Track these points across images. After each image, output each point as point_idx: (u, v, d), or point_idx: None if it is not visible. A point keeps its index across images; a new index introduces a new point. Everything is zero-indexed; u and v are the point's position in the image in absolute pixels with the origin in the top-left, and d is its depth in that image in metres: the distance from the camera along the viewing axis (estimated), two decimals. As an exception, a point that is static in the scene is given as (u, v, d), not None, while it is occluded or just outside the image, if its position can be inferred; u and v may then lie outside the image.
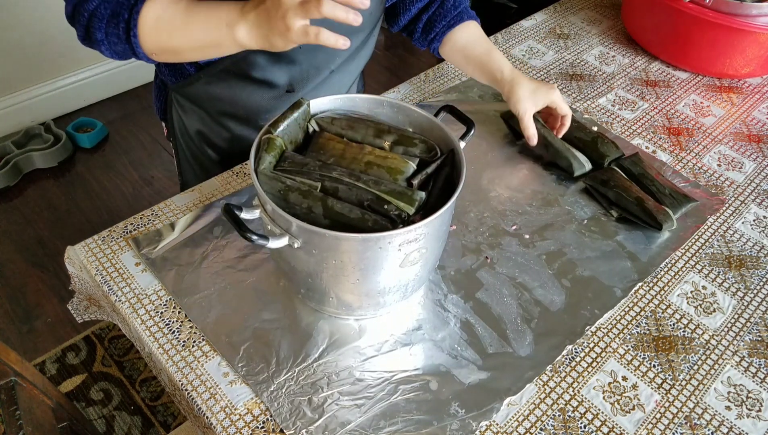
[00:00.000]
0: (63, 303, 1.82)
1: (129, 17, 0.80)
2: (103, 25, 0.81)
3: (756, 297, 0.91)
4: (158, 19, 0.80)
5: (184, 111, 1.10)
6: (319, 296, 0.79)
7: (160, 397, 1.62)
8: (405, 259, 0.72)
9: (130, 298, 0.85)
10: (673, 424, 0.76)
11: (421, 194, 0.72)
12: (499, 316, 0.85)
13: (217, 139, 1.12)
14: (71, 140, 2.31)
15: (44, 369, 1.67)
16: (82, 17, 0.82)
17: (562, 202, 1.01)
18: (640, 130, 1.17)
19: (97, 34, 0.82)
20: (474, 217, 0.98)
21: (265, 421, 0.74)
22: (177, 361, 0.79)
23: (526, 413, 0.76)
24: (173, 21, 0.80)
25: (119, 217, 2.06)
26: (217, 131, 1.10)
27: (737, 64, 1.26)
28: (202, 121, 1.10)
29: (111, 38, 0.82)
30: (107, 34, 0.82)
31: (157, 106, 1.17)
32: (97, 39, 0.82)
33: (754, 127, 1.20)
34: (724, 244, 0.98)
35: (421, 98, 1.20)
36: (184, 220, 0.94)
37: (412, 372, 0.79)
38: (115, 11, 0.80)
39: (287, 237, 0.70)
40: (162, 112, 1.17)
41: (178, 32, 0.81)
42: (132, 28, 0.80)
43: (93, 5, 0.81)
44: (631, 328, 0.86)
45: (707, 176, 1.09)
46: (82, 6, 0.81)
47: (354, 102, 0.84)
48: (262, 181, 0.73)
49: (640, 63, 1.34)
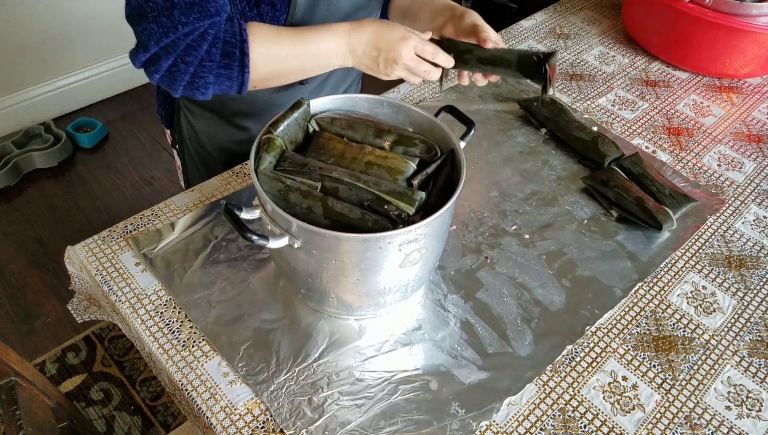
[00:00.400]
0: (63, 303, 1.82)
1: (242, 55, 0.80)
2: (214, 67, 0.79)
3: (756, 297, 0.91)
4: (270, 55, 0.83)
5: (195, 117, 1.10)
6: (319, 296, 0.79)
7: (160, 397, 1.62)
8: (405, 259, 0.72)
9: (130, 298, 0.85)
10: (673, 424, 0.76)
11: (421, 194, 0.72)
12: (499, 316, 0.85)
13: (230, 144, 1.11)
14: (71, 140, 2.31)
15: (44, 369, 1.67)
16: (189, 66, 0.79)
17: (562, 202, 1.01)
18: (640, 130, 1.17)
19: (208, 78, 0.80)
20: (474, 217, 0.98)
21: (265, 421, 0.74)
22: (177, 361, 0.79)
23: (526, 413, 0.76)
24: (285, 55, 0.84)
25: (119, 217, 2.06)
26: (231, 133, 1.10)
27: (737, 64, 1.26)
28: (214, 124, 1.09)
29: (221, 78, 0.81)
30: (218, 75, 0.80)
31: (162, 114, 1.16)
32: (207, 82, 0.80)
33: (754, 127, 1.20)
34: (724, 244, 0.98)
35: (421, 98, 1.20)
36: (184, 220, 0.94)
37: (412, 372, 0.79)
38: (226, 51, 0.79)
39: (287, 237, 0.70)
40: (167, 121, 1.16)
41: (290, 63, 0.85)
42: (246, 65, 0.81)
43: (203, 49, 0.78)
44: (631, 328, 0.86)
45: (707, 176, 1.09)
46: (190, 55, 0.78)
47: (354, 102, 0.84)
48: (262, 181, 0.73)
49: (640, 63, 1.34)
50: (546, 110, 1.13)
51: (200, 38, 0.78)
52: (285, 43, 0.84)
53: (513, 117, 1.17)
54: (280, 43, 0.83)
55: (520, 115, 1.17)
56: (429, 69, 0.86)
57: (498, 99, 1.20)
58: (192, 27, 0.77)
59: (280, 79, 0.88)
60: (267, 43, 0.82)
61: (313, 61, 0.86)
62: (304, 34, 0.85)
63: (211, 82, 0.81)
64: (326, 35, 0.85)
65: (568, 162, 1.09)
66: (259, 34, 0.82)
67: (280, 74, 0.87)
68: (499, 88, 1.23)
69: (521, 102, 1.17)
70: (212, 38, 0.79)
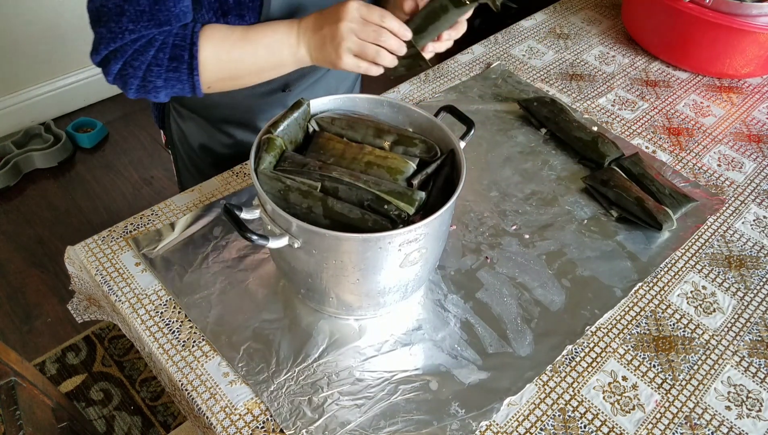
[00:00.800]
0: (63, 303, 1.82)
1: (190, 58, 0.81)
2: (162, 71, 0.81)
3: (756, 297, 0.91)
4: (218, 53, 0.82)
5: (183, 120, 1.10)
6: (319, 296, 0.79)
7: (160, 397, 1.62)
8: (405, 259, 0.72)
9: (130, 298, 0.85)
10: (673, 424, 0.76)
11: (421, 194, 0.72)
12: (499, 316, 0.85)
13: (217, 147, 1.12)
14: (71, 140, 2.31)
15: (44, 369, 1.67)
16: (137, 70, 0.81)
17: (562, 202, 1.01)
18: (640, 130, 1.17)
19: (157, 82, 0.82)
20: (474, 217, 0.98)
21: (265, 421, 0.74)
22: (177, 361, 0.79)
23: (526, 413, 0.76)
24: (234, 51, 0.82)
25: (119, 217, 2.06)
26: (218, 138, 1.10)
27: (737, 64, 1.26)
28: (202, 129, 1.10)
29: (170, 82, 0.82)
30: (167, 79, 0.82)
31: (155, 114, 1.17)
32: (156, 86, 0.82)
33: (754, 127, 1.20)
34: (724, 244, 0.98)
35: (421, 98, 1.20)
36: (184, 220, 0.94)
37: (412, 372, 0.79)
38: (174, 55, 0.81)
39: (287, 237, 0.70)
40: (160, 121, 1.17)
41: (241, 61, 0.83)
42: (195, 68, 0.81)
43: (150, 55, 0.80)
44: (631, 328, 0.86)
45: (707, 176, 1.09)
46: (137, 60, 0.80)
47: (354, 102, 0.84)
48: (262, 181, 0.73)
49: (640, 63, 1.34)
50: (546, 110, 1.13)
51: (148, 44, 0.80)
52: (235, 41, 0.82)
53: (513, 117, 1.17)
54: (229, 41, 0.82)
55: (520, 115, 1.17)
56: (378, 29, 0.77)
57: (498, 99, 1.20)
58: (139, 34, 0.79)
59: (236, 80, 0.86)
60: (217, 43, 0.82)
61: (264, 55, 0.83)
62: (254, 29, 0.84)
63: (160, 85, 0.82)
64: (276, 27, 0.83)
65: (568, 162, 1.09)
66: (210, 35, 0.82)
67: (234, 74, 0.85)
68: (499, 88, 1.23)
69: (521, 102, 1.17)
70: (160, 44, 0.81)
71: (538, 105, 1.14)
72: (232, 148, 1.12)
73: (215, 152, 1.13)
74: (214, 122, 1.09)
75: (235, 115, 1.06)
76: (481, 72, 1.27)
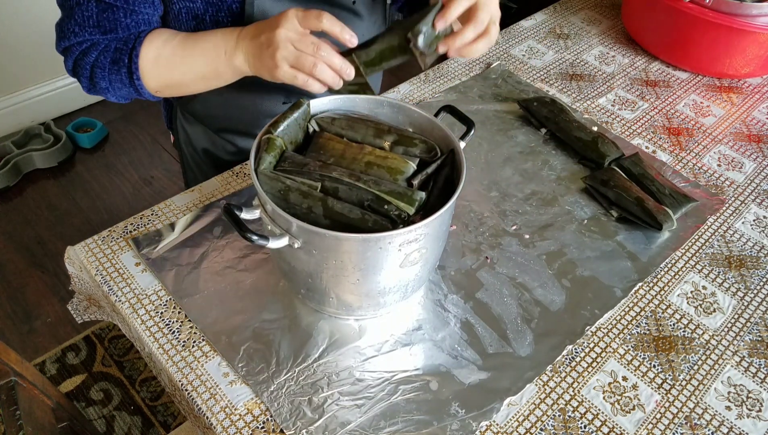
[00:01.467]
0: (63, 303, 1.82)
1: (129, 62, 0.82)
2: (105, 74, 0.83)
3: (756, 297, 0.91)
4: (157, 57, 0.82)
5: (189, 124, 1.11)
6: (319, 296, 0.79)
7: (160, 397, 1.62)
8: (405, 259, 0.72)
9: (130, 298, 0.85)
10: (673, 425, 0.76)
11: (421, 194, 0.72)
12: (499, 316, 0.85)
13: (221, 153, 1.12)
14: (71, 140, 2.31)
15: (44, 369, 1.67)
16: (84, 70, 0.83)
17: (562, 202, 1.01)
18: (640, 130, 1.17)
19: (102, 83, 0.84)
20: (474, 217, 0.98)
21: (265, 421, 0.74)
22: (177, 361, 0.79)
23: (526, 413, 0.76)
24: (173, 57, 0.82)
25: (119, 217, 2.06)
26: (221, 145, 1.11)
27: (737, 64, 1.26)
28: (206, 135, 1.11)
29: (115, 84, 0.84)
30: (111, 81, 0.83)
31: (165, 115, 1.19)
32: (102, 87, 0.84)
33: (754, 127, 1.20)
34: (724, 244, 0.98)
35: (421, 98, 1.20)
36: (184, 220, 0.94)
37: (412, 372, 0.79)
38: (115, 58, 0.82)
39: (287, 237, 0.70)
40: (169, 122, 1.18)
41: (179, 67, 0.82)
42: (134, 72, 0.82)
43: (92, 57, 0.83)
44: (631, 328, 0.86)
45: (707, 176, 1.09)
46: (83, 60, 0.83)
47: (354, 102, 0.84)
48: (262, 181, 0.73)
49: (640, 63, 1.34)
50: (546, 110, 1.13)
51: (91, 47, 0.83)
52: (174, 46, 0.82)
53: (513, 117, 1.17)
54: (169, 46, 0.82)
55: (520, 115, 1.17)
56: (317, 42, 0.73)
57: (498, 99, 1.20)
58: (83, 38, 0.82)
59: (180, 86, 0.85)
60: (157, 47, 0.82)
61: (201, 62, 0.81)
62: (196, 35, 0.82)
63: (106, 87, 0.84)
64: (216, 33, 0.81)
65: (568, 162, 1.09)
66: (153, 39, 0.82)
67: (176, 80, 0.83)
68: (499, 88, 1.23)
69: (521, 102, 1.17)
70: (103, 47, 0.82)
71: (538, 105, 1.14)
72: (235, 155, 1.12)
73: (218, 158, 1.13)
74: (216, 130, 1.09)
75: (237, 125, 1.06)
76: (481, 72, 1.27)
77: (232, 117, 1.05)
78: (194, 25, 0.88)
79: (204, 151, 1.13)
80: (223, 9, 0.86)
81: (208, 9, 0.86)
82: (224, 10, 0.86)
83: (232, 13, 0.87)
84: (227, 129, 1.08)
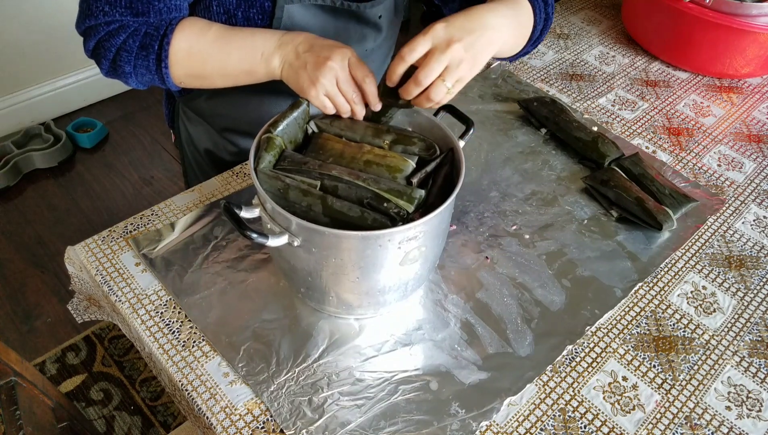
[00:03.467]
0: (63, 303, 1.82)
1: (159, 49, 0.80)
2: (132, 58, 0.80)
3: (756, 297, 0.91)
4: (189, 49, 0.80)
5: (192, 123, 1.11)
6: (319, 295, 0.79)
7: (160, 397, 1.62)
8: (405, 257, 0.72)
9: (130, 298, 0.85)
10: (673, 425, 0.76)
11: (420, 192, 0.72)
12: (499, 316, 0.85)
13: (222, 153, 1.12)
14: (71, 140, 2.31)
15: (44, 369, 1.67)
16: (108, 52, 0.81)
17: (562, 202, 1.01)
18: (640, 130, 1.17)
19: (126, 67, 0.81)
20: (474, 217, 0.98)
21: (265, 421, 0.73)
22: (177, 361, 0.79)
23: (527, 413, 0.76)
24: (205, 50, 0.81)
25: (119, 217, 2.06)
26: (223, 145, 1.11)
27: (737, 64, 1.26)
28: (208, 134, 1.11)
29: (139, 70, 0.82)
30: (135, 66, 0.81)
31: (166, 113, 1.18)
32: (126, 72, 0.82)
33: (754, 127, 1.20)
34: (724, 244, 0.98)
35: (421, 98, 1.20)
36: (184, 220, 0.94)
37: (412, 372, 0.79)
38: (144, 44, 0.80)
39: (287, 235, 0.70)
40: (170, 120, 1.17)
41: (212, 60, 0.81)
42: (164, 60, 0.80)
43: (120, 39, 0.80)
44: (631, 328, 0.86)
45: (707, 176, 1.09)
46: (109, 41, 0.80)
47: (354, 102, 0.84)
48: (262, 180, 0.73)
49: (640, 63, 1.34)
50: (546, 110, 1.13)
51: (120, 29, 0.80)
52: (211, 38, 0.80)
53: (513, 117, 1.17)
54: (205, 38, 0.80)
55: (520, 115, 1.17)
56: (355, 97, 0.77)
57: (498, 99, 1.20)
58: (113, 18, 0.79)
59: (205, 79, 0.84)
60: (191, 37, 0.80)
61: (236, 56, 0.80)
62: (235, 30, 0.81)
63: (129, 71, 0.81)
64: (257, 32, 0.80)
65: (568, 162, 1.09)
66: (187, 28, 0.80)
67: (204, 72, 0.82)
68: (499, 88, 1.23)
69: (521, 102, 1.17)
70: (133, 30, 0.80)
71: (538, 105, 1.14)
72: (237, 156, 1.12)
73: (220, 158, 1.13)
74: (219, 130, 1.09)
75: (240, 125, 1.06)
76: (481, 72, 1.27)
77: (237, 116, 1.04)
78: (225, 20, 0.87)
79: (205, 151, 1.13)
80: (255, 5, 0.86)
81: (240, 4, 0.86)
82: (256, 6, 0.86)
83: (263, 11, 0.87)
84: (231, 129, 1.08)
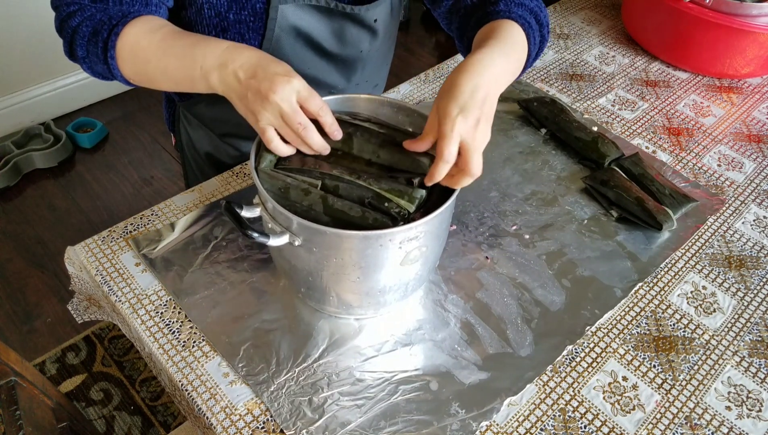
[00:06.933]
0: (63, 303, 1.82)
1: (108, 37, 0.77)
2: (84, 43, 0.79)
3: (756, 297, 0.91)
4: (134, 46, 0.76)
5: (192, 127, 1.11)
6: (320, 295, 0.79)
7: (160, 397, 1.62)
8: (405, 257, 0.72)
9: (130, 299, 0.85)
10: (673, 425, 0.76)
11: (421, 192, 0.72)
12: (499, 316, 0.85)
13: (223, 157, 1.12)
14: (71, 140, 2.31)
15: (44, 369, 1.67)
16: (66, 33, 0.80)
17: (562, 202, 1.01)
18: (640, 130, 1.17)
19: (79, 51, 0.79)
20: (474, 217, 0.98)
21: (265, 421, 0.73)
22: (177, 362, 0.79)
23: (527, 413, 0.76)
24: (149, 50, 0.76)
25: (119, 217, 2.06)
26: (224, 149, 1.11)
27: (737, 64, 1.26)
28: (209, 138, 1.10)
29: (91, 57, 0.79)
30: (88, 52, 0.79)
31: (166, 117, 1.17)
32: (79, 56, 0.80)
33: (754, 127, 1.20)
34: (724, 244, 0.98)
35: (421, 98, 1.20)
36: (184, 220, 0.94)
37: (412, 372, 0.79)
38: (96, 30, 0.78)
39: (288, 235, 0.70)
40: (171, 124, 1.17)
41: (152, 62, 0.77)
42: (110, 50, 0.77)
43: (76, 22, 0.79)
44: (631, 328, 0.86)
45: (707, 176, 1.09)
46: (66, 22, 0.79)
47: (354, 102, 0.84)
48: (263, 179, 0.73)
49: (640, 63, 1.34)
50: (546, 110, 1.13)
51: (78, 11, 0.79)
52: (158, 39, 0.76)
53: (513, 117, 1.17)
54: (151, 37, 0.77)
55: (520, 115, 1.17)
56: (307, 125, 0.68)
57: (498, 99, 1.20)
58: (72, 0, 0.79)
59: (151, 81, 0.80)
60: (140, 33, 0.77)
61: (174, 64, 0.74)
62: (182, 34, 0.77)
63: (82, 56, 0.80)
64: (200, 42, 0.73)
65: (568, 162, 1.09)
66: (140, 24, 0.77)
67: (147, 73, 0.79)
68: (499, 88, 1.23)
69: (521, 102, 1.16)
70: (89, 15, 0.78)
71: (538, 105, 1.14)
72: (238, 160, 1.12)
73: (221, 162, 1.13)
74: (220, 135, 1.09)
75: (242, 129, 1.06)
76: (481, 72, 1.27)
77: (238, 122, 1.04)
78: (216, 23, 0.87)
79: (207, 155, 1.13)
80: (246, 7, 0.86)
81: (232, 6, 0.86)
82: (248, 8, 0.86)
83: (255, 13, 0.86)
84: (232, 133, 1.08)
